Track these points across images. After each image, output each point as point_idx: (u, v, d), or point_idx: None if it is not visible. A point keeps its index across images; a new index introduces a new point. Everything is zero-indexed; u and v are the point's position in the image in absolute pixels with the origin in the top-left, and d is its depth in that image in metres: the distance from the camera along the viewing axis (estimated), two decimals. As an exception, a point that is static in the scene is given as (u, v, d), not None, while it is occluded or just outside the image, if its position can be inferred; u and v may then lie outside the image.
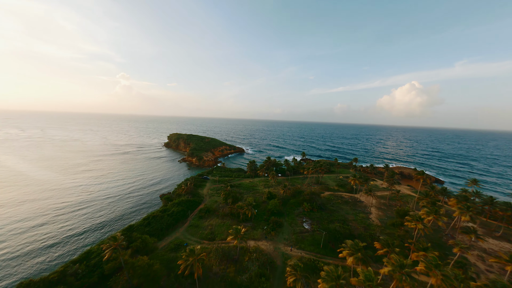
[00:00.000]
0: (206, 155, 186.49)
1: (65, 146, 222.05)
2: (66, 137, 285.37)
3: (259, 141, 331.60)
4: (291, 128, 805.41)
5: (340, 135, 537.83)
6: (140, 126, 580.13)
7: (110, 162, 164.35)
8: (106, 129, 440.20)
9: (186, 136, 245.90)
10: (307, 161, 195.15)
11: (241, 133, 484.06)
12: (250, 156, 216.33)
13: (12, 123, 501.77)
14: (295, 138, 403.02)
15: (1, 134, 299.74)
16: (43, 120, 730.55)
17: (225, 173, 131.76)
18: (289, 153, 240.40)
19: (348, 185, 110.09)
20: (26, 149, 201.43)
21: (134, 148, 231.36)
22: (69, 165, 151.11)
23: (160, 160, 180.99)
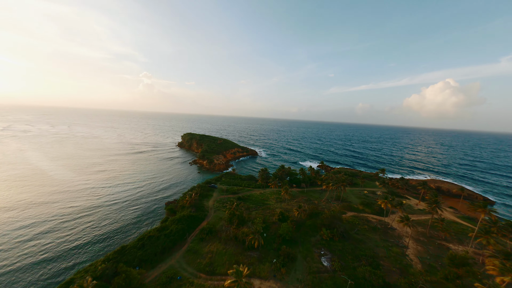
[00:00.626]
0: (217, 158, 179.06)
1: (85, 143, 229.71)
2: (88, 134, 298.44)
3: (273, 143, 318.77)
4: (307, 128, 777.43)
5: (361, 137, 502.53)
6: (157, 124, 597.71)
7: (123, 162, 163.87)
8: (125, 127, 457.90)
9: (198, 137, 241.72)
10: (326, 168, 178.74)
11: (255, 133, 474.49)
12: (263, 160, 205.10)
13: (46, 119, 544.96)
14: (312, 140, 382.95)
15: (35, 129, 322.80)
16: (73, 116, 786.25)
17: (235, 181, 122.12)
18: (304, 158, 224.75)
19: (375, 204, 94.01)
20: (51, 145, 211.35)
21: (149, 147, 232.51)
22: (85, 164, 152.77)
23: (171, 162, 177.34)
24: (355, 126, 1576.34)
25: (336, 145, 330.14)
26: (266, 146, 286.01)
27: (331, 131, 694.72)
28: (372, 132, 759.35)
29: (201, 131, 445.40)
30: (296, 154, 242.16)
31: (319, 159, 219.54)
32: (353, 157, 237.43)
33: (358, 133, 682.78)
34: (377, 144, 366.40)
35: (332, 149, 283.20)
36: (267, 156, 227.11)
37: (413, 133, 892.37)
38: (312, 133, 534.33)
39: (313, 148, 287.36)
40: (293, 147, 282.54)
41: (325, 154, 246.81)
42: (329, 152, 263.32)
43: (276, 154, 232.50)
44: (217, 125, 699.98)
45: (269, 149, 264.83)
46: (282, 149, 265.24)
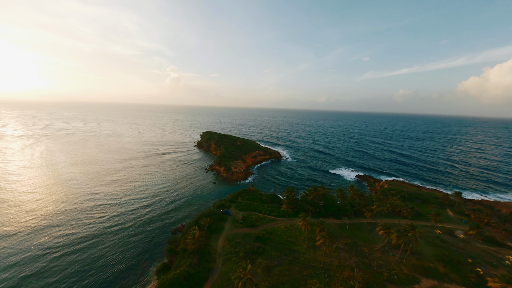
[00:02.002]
0: (235, 165, 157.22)
1: (107, 144, 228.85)
2: (112, 132, 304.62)
3: (299, 142, 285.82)
4: (337, 121, 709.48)
5: (404, 132, 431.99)
6: (179, 119, 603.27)
7: (138, 170, 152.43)
8: (148, 123, 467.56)
9: (217, 137, 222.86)
10: (367, 179, 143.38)
11: (279, 128, 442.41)
12: (287, 166, 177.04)
13: (83, 116, 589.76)
14: (343, 137, 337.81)
15: (70, 127, 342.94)
16: (107, 112, 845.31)
17: (253, 203, 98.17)
18: (337, 163, 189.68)
19: (464, 265, 61.14)
20: (77, 145, 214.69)
21: (167, 148, 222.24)
22: (101, 171, 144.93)
23: (188, 168, 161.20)
24: (394, 116, 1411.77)
25: (375, 144, 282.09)
26: (291, 146, 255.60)
27: (365, 124, 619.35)
28: (417, 125, 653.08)
29: (222, 126, 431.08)
30: (326, 157, 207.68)
31: (356, 165, 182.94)
32: (399, 163, 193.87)
33: (400, 126, 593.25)
34: (427, 142, 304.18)
35: (371, 151, 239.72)
36: (292, 159, 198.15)
37: (474, 124, 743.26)
38: (343, 128, 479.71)
39: (346, 149, 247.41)
40: (322, 148, 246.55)
41: (362, 158, 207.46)
42: (367, 155, 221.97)
43: (303, 158, 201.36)
44: (238, 118, 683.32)
45: (295, 150, 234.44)
46: (310, 151, 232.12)
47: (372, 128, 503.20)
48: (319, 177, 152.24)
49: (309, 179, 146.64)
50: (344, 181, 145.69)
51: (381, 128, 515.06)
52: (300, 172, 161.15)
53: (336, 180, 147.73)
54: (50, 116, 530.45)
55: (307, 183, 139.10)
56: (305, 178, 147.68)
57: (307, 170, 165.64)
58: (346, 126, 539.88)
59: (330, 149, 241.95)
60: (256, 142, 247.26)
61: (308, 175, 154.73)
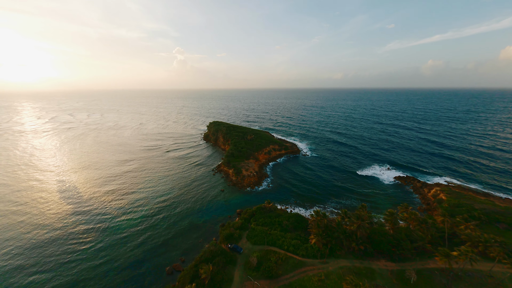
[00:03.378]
0: (246, 166, 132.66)
1: (107, 140, 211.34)
2: (114, 125, 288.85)
3: (317, 129, 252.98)
4: (357, 101, 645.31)
5: (440, 111, 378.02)
6: (186, 105, 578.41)
7: (138, 174, 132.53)
8: (153, 111, 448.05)
9: (225, 129, 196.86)
10: (412, 183, 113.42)
11: (292, 112, 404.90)
12: (306, 164, 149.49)
13: (90, 106, 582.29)
14: (367, 122, 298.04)
15: (74, 120, 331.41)
16: (113, 101, 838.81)
17: (272, 232, 74.29)
18: (365, 159, 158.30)
19: None
20: (74, 143, 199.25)
21: (171, 143, 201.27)
22: (96, 178, 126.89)
23: (193, 169, 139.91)
24: (422, 92, 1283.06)
25: (407, 130, 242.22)
26: (307, 136, 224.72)
27: (390, 104, 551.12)
28: (452, 102, 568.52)
29: (230, 113, 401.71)
30: (351, 151, 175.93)
31: (388, 161, 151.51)
32: (443, 156, 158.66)
33: (432, 104, 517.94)
34: (471, 125, 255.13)
35: (404, 140, 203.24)
36: (311, 154, 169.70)
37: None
38: (365, 110, 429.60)
39: (373, 138, 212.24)
40: (344, 139, 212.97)
41: (395, 151, 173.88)
42: (400, 146, 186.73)
43: (324, 154, 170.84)
44: (247, 103, 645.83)
45: (312, 142, 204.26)
46: (330, 143, 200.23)
47: (399, 108, 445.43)
48: (347, 181, 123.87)
49: (335, 185, 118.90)
50: (380, 186, 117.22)
51: (409, 107, 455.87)
52: (323, 175, 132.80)
53: (370, 185, 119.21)
54: (58, 107, 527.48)
55: (334, 191, 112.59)
56: (330, 184, 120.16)
57: (331, 172, 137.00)
58: (368, 107, 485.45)
59: (353, 140, 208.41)
60: (268, 133, 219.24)
61: (333, 179, 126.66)
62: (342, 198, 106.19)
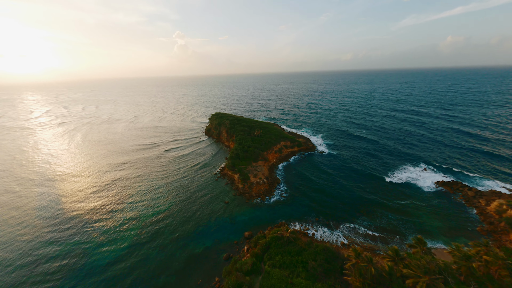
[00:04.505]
0: (254, 171, 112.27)
1: (98, 138, 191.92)
2: (108, 118, 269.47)
3: (331, 119, 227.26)
4: (370, 84, 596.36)
5: (467, 93, 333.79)
6: (186, 94, 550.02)
7: (129, 182, 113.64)
8: (151, 101, 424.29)
9: (229, 123, 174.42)
10: (470, 200, 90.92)
11: (300, 99, 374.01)
12: (323, 165, 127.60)
13: (87, 97, 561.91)
14: (387, 109, 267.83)
15: (69, 113, 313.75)
16: (111, 91, 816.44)
17: (293, 270, 55.41)
18: (393, 160, 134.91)
19: None
20: (62, 142, 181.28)
21: (168, 139, 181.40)
22: (79, 189, 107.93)
23: (193, 174, 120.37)
24: (440, 72, 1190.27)
25: (435, 120, 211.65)
26: (321, 128, 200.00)
27: (408, 86, 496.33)
28: (479, 82, 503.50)
29: (232, 102, 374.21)
30: (375, 148, 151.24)
31: (424, 161, 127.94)
32: (488, 154, 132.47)
33: (455, 85, 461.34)
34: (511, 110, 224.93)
35: (434, 133, 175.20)
36: (328, 152, 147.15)
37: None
38: (381, 94, 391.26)
39: (396, 131, 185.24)
40: (364, 132, 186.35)
41: (427, 147, 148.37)
42: (430, 140, 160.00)
43: (342, 153, 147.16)
44: (251, 89, 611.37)
45: (327, 135, 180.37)
46: (347, 137, 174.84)
47: (418, 91, 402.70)
48: (377, 190, 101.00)
49: (363, 198, 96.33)
50: (420, 196, 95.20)
51: (430, 90, 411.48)
52: (345, 181, 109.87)
53: (406, 194, 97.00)
54: (55, 99, 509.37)
55: (362, 205, 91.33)
56: (357, 196, 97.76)
57: (354, 177, 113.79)
58: (383, 90, 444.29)
59: (373, 132, 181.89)
60: (278, 126, 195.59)
61: (359, 187, 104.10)
62: (375, 216, 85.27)
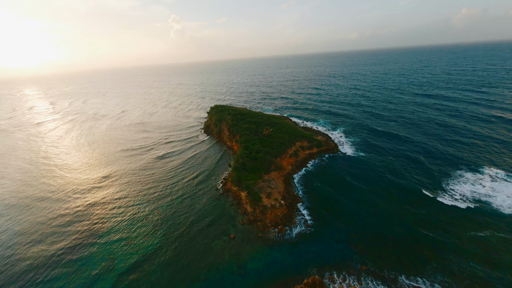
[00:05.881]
0: (267, 188, 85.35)
1: (77, 142, 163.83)
2: (94, 114, 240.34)
3: (348, 109, 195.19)
4: (382, 65, 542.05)
5: (496, 71, 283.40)
6: (182, 83, 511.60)
7: (105, 206, 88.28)
8: (143, 92, 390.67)
9: (230, 119, 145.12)
10: None
11: (309, 85, 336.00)
12: (354, 175, 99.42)
13: (78, 89, 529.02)
14: (407, 92, 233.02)
15: (53, 110, 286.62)
16: (105, 81, 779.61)
17: None
18: (448, 168, 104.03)
19: None
20: (37, 147, 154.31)
21: (161, 139, 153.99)
22: (46, 216, 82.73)
23: (190, 193, 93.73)
24: (456, 48, 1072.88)
25: (474, 107, 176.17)
26: (340, 121, 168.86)
27: (424, 65, 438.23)
28: (506, 57, 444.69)
29: (232, 89, 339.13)
30: (411, 149, 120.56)
31: (485, 165, 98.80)
32: None
33: (480, 62, 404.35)
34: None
35: (480, 125, 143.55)
36: (354, 154, 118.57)
37: None
38: (396, 76, 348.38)
39: (430, 125, 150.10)
40: (390, 127, 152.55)
41: (478, 144, 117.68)
42: (479, 135, 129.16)
43: (372, 156, 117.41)
44: (252, 75, 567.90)
45: (349, 130, 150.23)
46: (373, 133, 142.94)
47: (440, 70, 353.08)
48: (436, 218, 70.99)
49: (419, 232, 67.09)
50: (503, 225, 67.73)
51: (452, 69, 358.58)
52: (386, 204, 79.15)
53: (482, 223, 68.36)
54: (45, 94, 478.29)
55: (423, 244, 63.38)
56: (408, 227, 68.15)
57: (398, 196, 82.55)
58: (399, 72, 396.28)
59: (402, 126, 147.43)
60: (289, 120, 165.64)
61: (409, 214, 73.58)
62: (450, 264, 56.78)
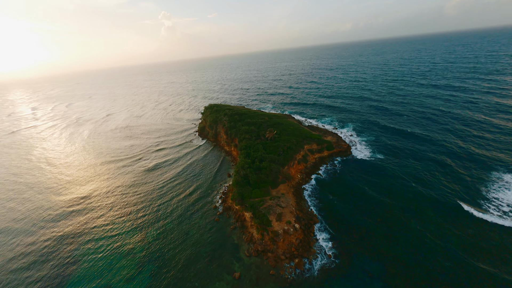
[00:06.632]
0: (276, 207, 69.25)
1: (53, 155, 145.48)
2: (78, 119, 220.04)
3: (354, 104, 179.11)
4: (380, 55, 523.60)
5: (498, 57, 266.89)
6: (174, 81, 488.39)
7: (75, 243, 71.13)
8: (132, 92, 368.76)
9: (227, 120, 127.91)
10: None
11: (307, 79, 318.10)
12: (372, 181, 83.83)
13: (65, 91, 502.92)
14: (412, 82, 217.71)
15: (33, 116, 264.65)
16: (93, 83, 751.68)
17: None
18: (482, 170, 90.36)
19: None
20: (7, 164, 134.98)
21: (151, 146, 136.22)
22: (8, 255, 66.28)
23: (186, 214, 76.76)
24: (450, 36, 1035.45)
25: (486, 95, 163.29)
26: (345, 116, 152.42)
27: (424, 54, 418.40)
28: (506, 43, 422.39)
29: (226, 86, 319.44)
30: (435, 149, 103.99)
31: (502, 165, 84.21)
32: None
33: (481, 49, 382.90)
34: None
35: (499, 117, 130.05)
36: (369, 155, 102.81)
37: None
38: (398, 66, 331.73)
39: (449, 118, 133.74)
40: (404, 122, 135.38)
41: (506, 143, 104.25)
42: (506, 129, 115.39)
43: (387, 155, 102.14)
44: (247, 71, 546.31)
45: (359, 127, 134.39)
46: (388, 132, 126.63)
47: (443, 59, 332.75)
48: (489, 239, 55.91)
49: (478, 267, 51.27)
50: None
51: (455, 57, 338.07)
52: (421, 225, 62.45)
53: None
54: (29, 98, 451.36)
55: (472, 276, 49.05)
56: (461, 262, 52.73)
57: (431, 214, 67.07)
58: (398, 62, 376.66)
59: (415, 122, 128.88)
60: (292, 119, 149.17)
61: (453, 238, 58.20)
62: None
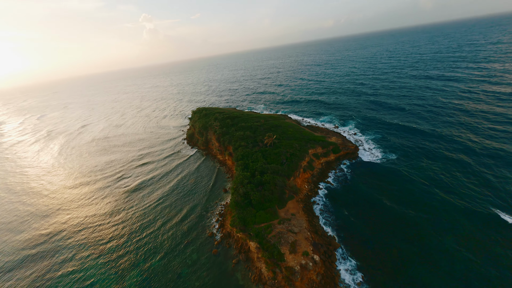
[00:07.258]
0: (287, 235, 55.87)
1: (13, 180, 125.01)
2: (49, 133, 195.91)
3: (348, 96, 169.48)
4: (365, 49, 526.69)
5: (483, 44, 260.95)
6: (157, 85, 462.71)
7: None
8: (112, 99, 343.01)
9: (219, 126, 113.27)
10: None
11: (295, 75, 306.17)
12: (389, 189, 72.63)
13: (39, 102, 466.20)
14: (404, 74, 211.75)
15: (2, 133, 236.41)
16: (71, 91, 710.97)
17: None
18: (508, 168, 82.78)
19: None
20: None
21: (133, 157, 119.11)
22: None
23: (178, 248, 61.53)
24: (428, 28, 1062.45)
25: (483, 84, 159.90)
26: (344, 112, 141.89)
27: (410, 46, 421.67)
28: (484, 33, 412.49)
29: (213, 88, 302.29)
30: (449, 147, 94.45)
31: None
32: None
33: (461, 38, 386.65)
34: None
35: (504, 106, 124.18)
36: (379, 155, 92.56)
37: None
38: (386, 58, 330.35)
39: (453, 109, 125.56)
40: (407, 117, 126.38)
41: None
42: None
43: (398, 155, 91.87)
44: (234, 70, 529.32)
45: (362, 124, 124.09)
46: (393, 128, 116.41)
47: (429, 50, 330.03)
48: None
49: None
50: None
51: (439, 47, 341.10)
52: (460, 245, 51.80)
53: None
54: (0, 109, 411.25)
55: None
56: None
57: (463, 223, 56.36)
58: (386, 54, 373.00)
59: (419, 117, 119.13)
60: (289, 119, 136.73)
61: (491, 254, 48.51)
62: None
